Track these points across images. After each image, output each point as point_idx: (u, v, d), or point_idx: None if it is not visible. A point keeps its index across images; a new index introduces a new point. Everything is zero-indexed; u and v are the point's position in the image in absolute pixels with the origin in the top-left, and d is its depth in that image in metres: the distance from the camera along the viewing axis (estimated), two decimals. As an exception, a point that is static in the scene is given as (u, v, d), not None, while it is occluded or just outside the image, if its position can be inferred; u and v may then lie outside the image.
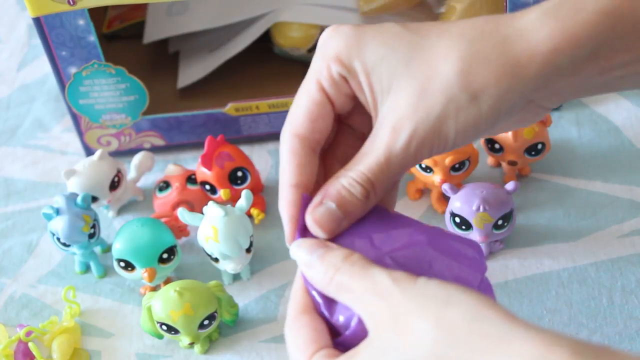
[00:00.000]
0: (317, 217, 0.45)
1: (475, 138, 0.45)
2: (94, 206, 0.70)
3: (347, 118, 0.48)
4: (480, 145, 0.72)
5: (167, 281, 0.67)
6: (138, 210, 0.74)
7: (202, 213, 0.64)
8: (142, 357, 0.63)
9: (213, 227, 0.62)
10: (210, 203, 0.63)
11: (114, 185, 0.71)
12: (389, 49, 0.45)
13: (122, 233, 0.64)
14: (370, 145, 0.45)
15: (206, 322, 0.61)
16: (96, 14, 0.71)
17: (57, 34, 0.69)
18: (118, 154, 0.77)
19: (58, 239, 0.66)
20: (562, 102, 0.47)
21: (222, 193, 0.69)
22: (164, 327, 0.61)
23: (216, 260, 0.64)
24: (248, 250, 0.64)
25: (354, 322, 0.41)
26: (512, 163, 0.69)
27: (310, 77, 0.46)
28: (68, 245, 0.67)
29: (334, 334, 0.43)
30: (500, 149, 0.69)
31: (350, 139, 0.49)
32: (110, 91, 0.73)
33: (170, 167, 0.73)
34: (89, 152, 0.78)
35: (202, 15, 0.83)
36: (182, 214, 0.63)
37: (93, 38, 0.69)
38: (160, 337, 0.62)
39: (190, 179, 0.72)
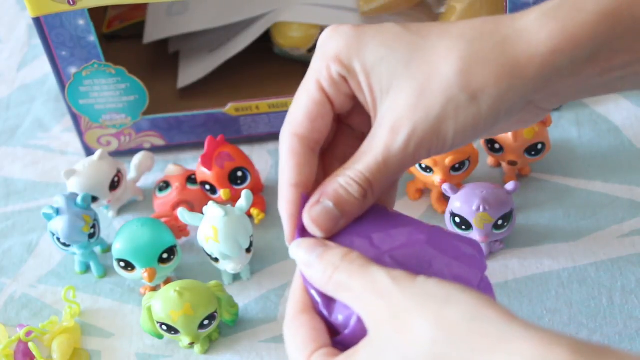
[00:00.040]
0: (314, 216, 0.45)
1: (475, 139, 0.45)
2: (94, 206, 0.70)
3: (347, 118, 0.48)
4: (480, 145, 0.72)
5: (167, 281, 0.67)
6: (138, 210, 0.74)
7: (202, 213, 0.64)
8: (142, 357, 0.63)
9: (213, 227, 0.62)
10: (210, 203, 0.63)
11: (114, 185, 0.71)
12: (389, 49, 0.45)
13: (122, 233, 0.64)
14: (369, 144, 0.45)
15: (206, 322, 0.61)
16: (96, 14, 0.71)
17: (57, 34, 0.69)
18: (118, 154, 0.77)
19: (58, 239, 0.66)
20: (561, 103, 0.47)
21: (222, 193, 0.69)
22: (164, 327, 0.61)
23: (216, 260, 0.64)
24: (248, 250, 0.64)
25: (353, 321, 0.41)
26: (512, 163, 0.69)
27: (310, 76, 0.46)
28: (68, 245, 0.67)
29: (333, 333, 0.43)
30: (500, 149, 0.69)
31: (349, 138, 0.48)
32: (110, 91, 0.73)
33: (170, 167, 0.73)
34: (89, 152, 0.78)
35: (202, 15, 0.83)
36: (182, 214, 0.63)
37: (93, 38, 0.69)
38: (160, 337, 0.62)
39: (190, 179, 0.72)
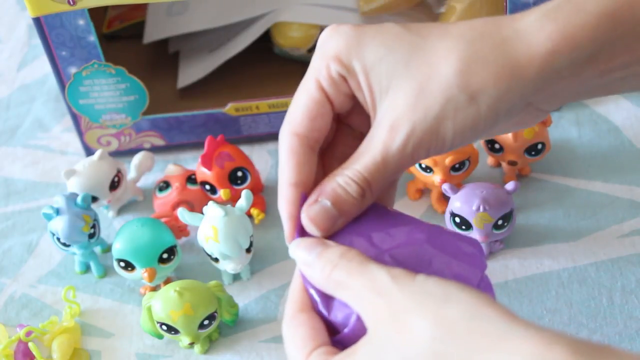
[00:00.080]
0: (312, 215, 0.45)
1: (474, 139, 0.45)
2: (94, 206, 0.70)
3: (347, 117, 0.48)
4: (480, 145, 0.72)
5: (167, 281, 0.67)
6: (138, 210, 0.74)
7: (202, 213, 0.64)
8: (142, 357, 0.63)
9: (213, 227, 0.62)
10: (210, 203, 0.63)
11: (114, 185, 0.71)
12: (389, 49, 0.44)
13: (122, 233, 0.64)
14: (368, 144, 0.45)
15: (206, 322, 0.61)
16: (96, 14, 0.71)
17: (57, 34, 0.69)
18: (118, 154, 0.77)
19: (58, 239, 0.66)
20: (561, 104, 0.47)
21: (222, 193, 0.69)
22: (164, 327, 0.60)
23: (216, 260, 0.64)
24: (248, 250, 0.64)
25: (353, 320, 0.41)
26: (512, 163, 0.69)
27: (310, 76, 0.46)
28: (68, 245, 0.67)
29: (332, 332, 0.43)
30: (500, 149, 0.69)
31: (349, 138, 0.48)
32: (110, 91, 0.73)
33: (170, 167, 0.73)
34: (89, 152, 0.78)
35: (202, 15, 0.83)
36: (182, 214, 0.63)
37: (93, 38, 0.69)
38: (160, 337, 0.62)
39: (190, 179, 0.72)
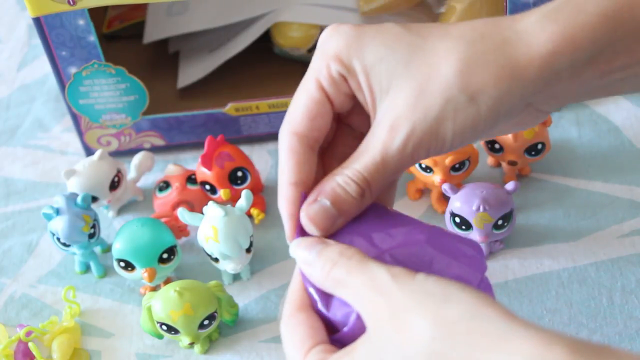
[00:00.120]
0: (311, 215, 0.45)
1: (474, 140, 0.45)
2: (94, 206, 0.70)
3: (347, 117, 0.48)
4: (480, 145, 0.72)
5: (167, 281, 0.67)
6: (138, 210, 0.74)
7: (202, 213, 0.64)
8: (142, 357, 0.63)
9: (213, 227, 0.62)
10: (210, 203, 0.63)
11: (114, 185, 0.71)
12: (389, 49, 0.44)
13: (122, 233, 0.64)
14: (367, 144, 0.45)
15: (206, 322, 0.61)
16: (96, 14, 0.71)
17: (57, 34, 0.69)
18: (118, 154, 0.77)
19: (58, 239, 0.66)
20: (561, 105, 0.46)
21: (222, 193, 0.69)
22: (164, 327, 0.60)
23: (216, 260, 0.64)
24: (248, 250, 0.64)
25: (352, 318, 0.41)
26: (512, 163, 0.69)
27: (310, 75, 0.46)
28: (68, 245, 0.67)
29: (331, 331, 0.43)
30: (500, 149, 0.69)
31: (349, 138, 0.48)
32: (110, 91, 0.73)
33: (170, 167, 0.73)
34: (89, 152, 0.78)
35: (202, 15, 0.83)
36: (182, 214, 0.63)
37: (93, 38, 0.69)
38: (160, 337, 0.62)
39: (190, 179, 0.72)
